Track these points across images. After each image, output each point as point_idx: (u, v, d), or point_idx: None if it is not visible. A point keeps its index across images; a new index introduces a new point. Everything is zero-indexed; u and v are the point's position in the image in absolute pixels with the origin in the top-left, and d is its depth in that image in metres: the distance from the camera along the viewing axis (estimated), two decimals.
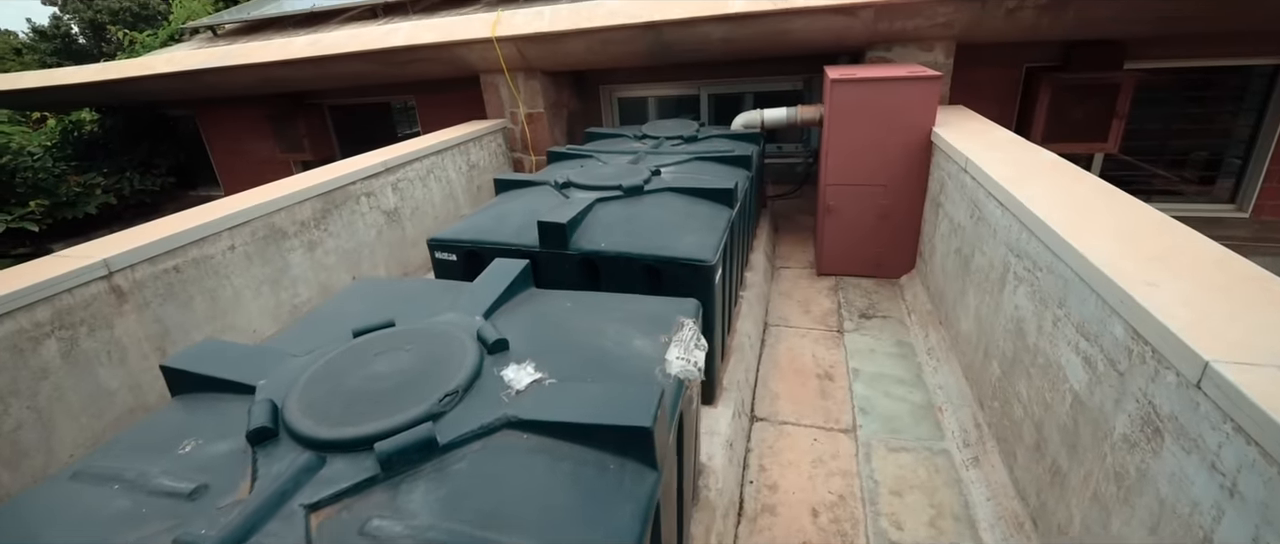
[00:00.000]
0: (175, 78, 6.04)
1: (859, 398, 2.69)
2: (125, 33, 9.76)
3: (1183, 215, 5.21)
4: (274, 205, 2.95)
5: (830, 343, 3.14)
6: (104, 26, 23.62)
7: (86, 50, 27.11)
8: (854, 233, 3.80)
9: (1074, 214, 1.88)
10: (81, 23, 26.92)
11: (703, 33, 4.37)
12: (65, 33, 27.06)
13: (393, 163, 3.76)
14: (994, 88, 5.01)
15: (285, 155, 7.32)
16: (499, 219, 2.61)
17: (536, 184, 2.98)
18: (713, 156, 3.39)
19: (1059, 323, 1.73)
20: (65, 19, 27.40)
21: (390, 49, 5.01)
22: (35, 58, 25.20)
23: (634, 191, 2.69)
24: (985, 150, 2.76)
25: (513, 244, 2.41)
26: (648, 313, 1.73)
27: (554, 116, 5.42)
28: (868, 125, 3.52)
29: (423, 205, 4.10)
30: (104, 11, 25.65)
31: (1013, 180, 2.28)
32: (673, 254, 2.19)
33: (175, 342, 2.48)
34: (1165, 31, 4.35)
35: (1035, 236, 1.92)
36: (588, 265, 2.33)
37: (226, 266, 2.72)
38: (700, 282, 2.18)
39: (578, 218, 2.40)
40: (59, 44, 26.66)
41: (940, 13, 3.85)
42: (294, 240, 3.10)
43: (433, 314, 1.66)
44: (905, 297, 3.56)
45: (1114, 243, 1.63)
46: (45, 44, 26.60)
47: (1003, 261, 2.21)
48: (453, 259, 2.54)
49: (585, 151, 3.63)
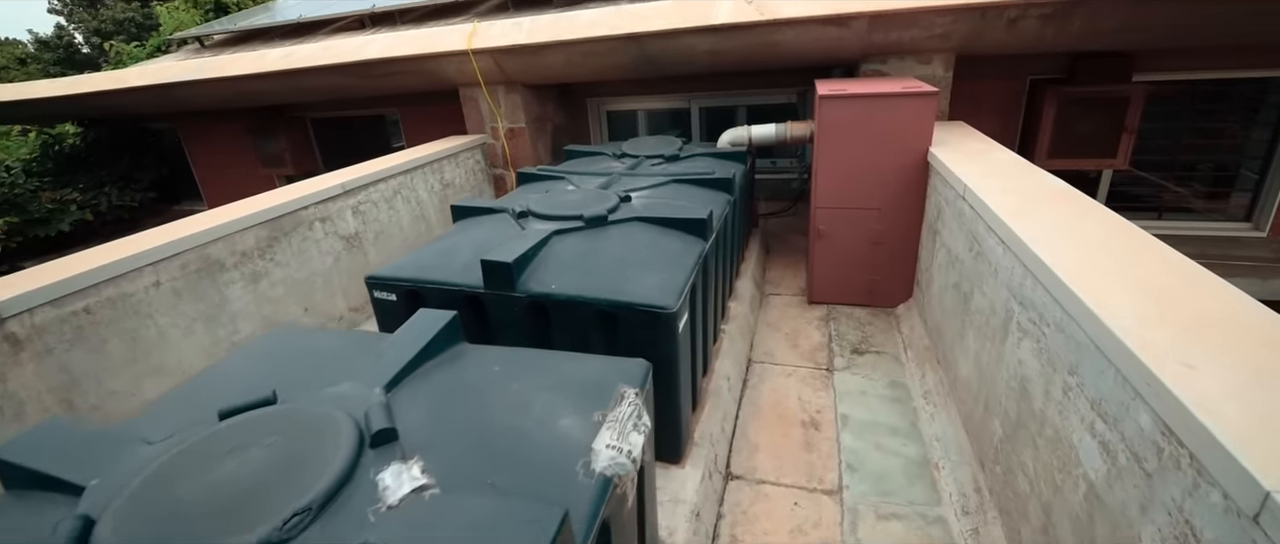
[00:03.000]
0: (148, 92, 5.86)
1: (847, 451, 2.42)
2: (111, 45, 9.62)
3: (1197, 235, 4.91)
4: (209, 235, 2.72)
5: (819, 383, 2.87)
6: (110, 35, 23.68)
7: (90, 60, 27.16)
8: (847, 259, 3.54)
9: (1086, 259, 1.62)
10: (86, 32, 27.02)
11: (688, 45, 4.14)
12: (67, 42, 27.13)
13: (353, 184, 3.53)
14: (995, 101, 4.75)
15: (267, 170, 7.12)
16: (445, 254, 2.37)
17: (495, 212, 2.74)
18: (692, 179, 3.14)
19: (1070, 393, 1.46)
20: (69, 28, 27.50)
21: (365, 62, 4.80)
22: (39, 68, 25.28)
23: (596, 222, 2.44)
24: (985, 175, 2.50)
25: (456, 284, 2.16)
26: (587, 378, 1.48)
27: (537, 131, 5.19)
28: (860, 144, 3.27)
29: (389, 229, 3.86)
30: (108, 22, 25.74)
31: (1015, 213, 2.02)
32: (629, 299, 1.94)
33: (85, 392, 2.24)
34: (1176, 42, 4.08)
35: (1040, 284, 1.66)
36: (537, 309, 2.08)
37: (150, 305, 2.48)
38: (661, 331, 1.93)
39: (529, 254, 2.15)
40: (62, 54, 26.71)
41: (938, 23, 3.61)
42: (233, 272, 2.86)
43: (331, 382, 1.42)
44: (901, 329, 3.29)
45: (1137, 301, 1.37)
46: (48, 54, 26.66)
47: (1005, 307, 1.95)
48: (392, 299, 2.30)
49: (557, 173, 3.38)
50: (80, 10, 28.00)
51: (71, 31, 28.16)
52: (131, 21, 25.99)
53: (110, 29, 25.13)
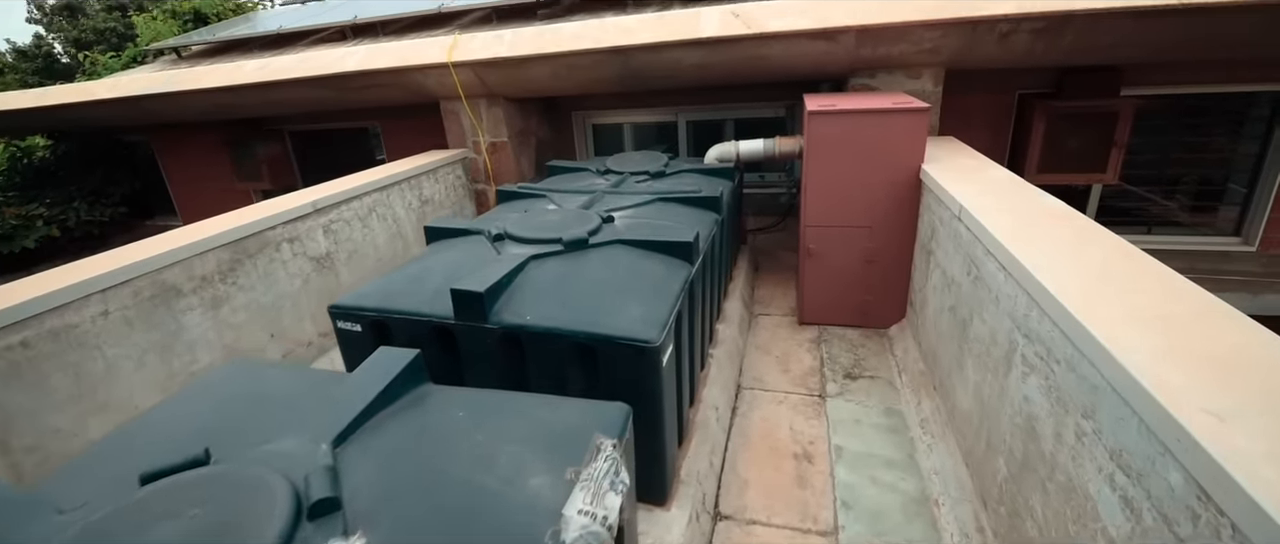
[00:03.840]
0: (118, 104, 5.66)
1: (842, 486, 2.30)
2: (86, 55, 9.38)
3: (1186, 249, 4.87)
4: (164, 260, 2.55)
5: (811, 411, 2.75)
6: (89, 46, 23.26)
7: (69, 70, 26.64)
8: (838, 279, 3.43)
9: (1095, 288, 1.52)
10: (65, 42, 26.53)
11: (674, 58, 4.05)
12: (46, 52, 26.60)
13: (324, 203, 3.37)
14: (985, 116, 4.71)
15: (243, 184, 6.92)
16: (414, 280, 2.23)
17: (471, 233, 2.61)
18: (678, 197, 3.02)
19: (1085, 439, 1.36)
20: (48, 38, 26.99)
21: (343, 74, 4.66)
22: (16, 78, 24.76)
23: (576, 245, 2.31)
24: (980, 195, 2.41)
25: (425, 314, 2.02)
26: (560, 426, 1.35)
27: (520, 145, 5.07)
28: (850, 161, 3.18)
29: (362, 248, 3.70)
30: (88, 31, 25.29)
31: (1015, 236, 1.92)
32: (609, 332, 1.81)
33: (19, 432, 2.06)
34: (1167, 58, 4.06)
35: (1047, 316, 1.56)
36: (511, 341, 1.95)
37: (97, 336, 2.31)
38: (643, 366, 1.80)
39: (503, 282, 2.02)
40: (40, 64, 26.19)
41: (927, 38, 3.54)
42: (191, 298, 2.69)
43: (276, 433, 1.28)
44: (894, 351, 3.19)
45: (1153, 335, 1.27)
46: (26, 64, 26.12)
47: (1007, 338, 1.85)
48: (357, 330, 2.15)
49: (538, 190, 3.26)
50: (59, 19, 27.51)
51: (50, 41, 27.64)
52: (112, 31, 25.57)
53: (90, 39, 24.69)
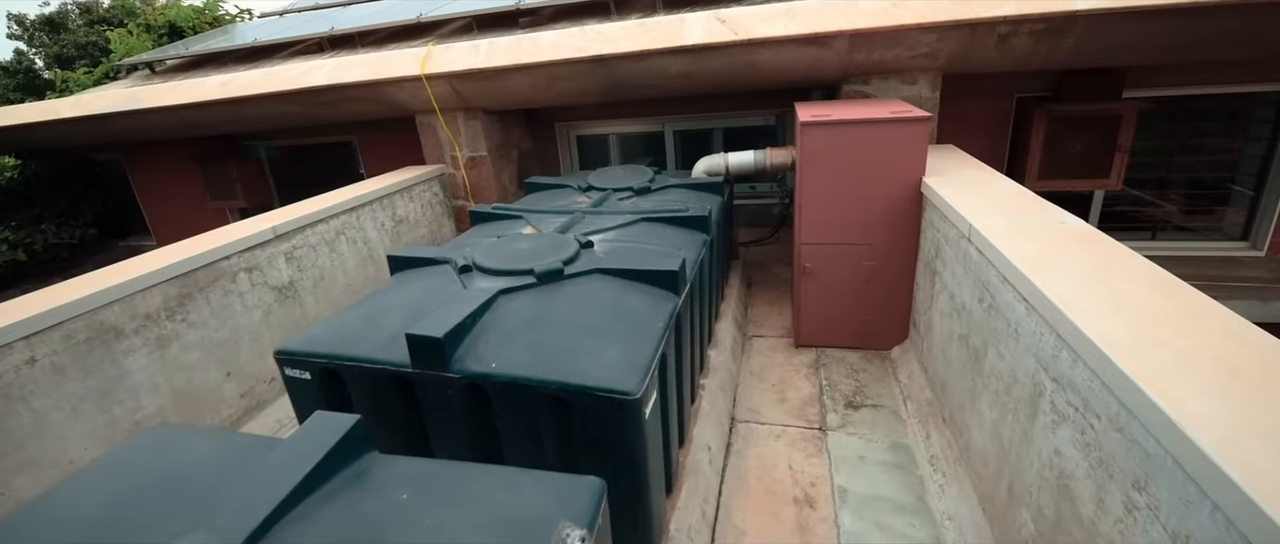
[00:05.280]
0: (81, 123, 5.42)
1: (847, 535, 2.09)
2: (56, 71, 9.11)
3: (1193, 255, 4.70)
4: (101, 299, 2.32)
5: (811, 446, 2.54)
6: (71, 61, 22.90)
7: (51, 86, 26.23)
8: (836, 298, 3.24)
9: (1140, 329, 1.32)
10: (46, 58, 26.15)
11: (658, 67, 3.85)
12: (28, 68, 26.22)
13: (286, 228, 3.15)
14: (983, 121, 4.53)
15: (216, 203, 6.67)
16: (370, 321, 2.01)
17: (437, 263, 2.39)
18: (663, 217, 2.82)
19: (1138, 514, 1.15)
20: (30, 53, 26.61)
21: (311, 89, 4.44)
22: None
23: (551, 277, 2.10)
24: (991, 213, 2.22)
25: (379, 361, 1.80)
26: (520, 512, 1.14)
27: (501, 159, 4.86)
28: (846, 174, 2.98)
29: (330, 274, 3.48)
30: (70, 47, 24.93)
31: (1036, 264, 1.72)
32: (583, 382, 1.59)
33: None
34: (1173, 60, 3.90)
35: (1082, 361, 1.36)
36: (476, 392, 1.73)
37: (22, 386, 2.08)
38: (623, 420, 1.59)
39: (466, 323, 1.80)
40: (21, 80, 25.80)
41: (923, 42, 3.37)
42: (134, 339, 2.46)
43: (182, 528, 1.07)
44: (898, 376, 2.99)
45: (1224, 398, 1.06)
46: (8, 80, 25.73)
47: (1032, 379, 1.65)
48: (306, 378, 1.93)
49: (514, 212, 3.05)
50: (41, 35, 27.16)
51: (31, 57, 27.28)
52: (94, 46, 25.22)
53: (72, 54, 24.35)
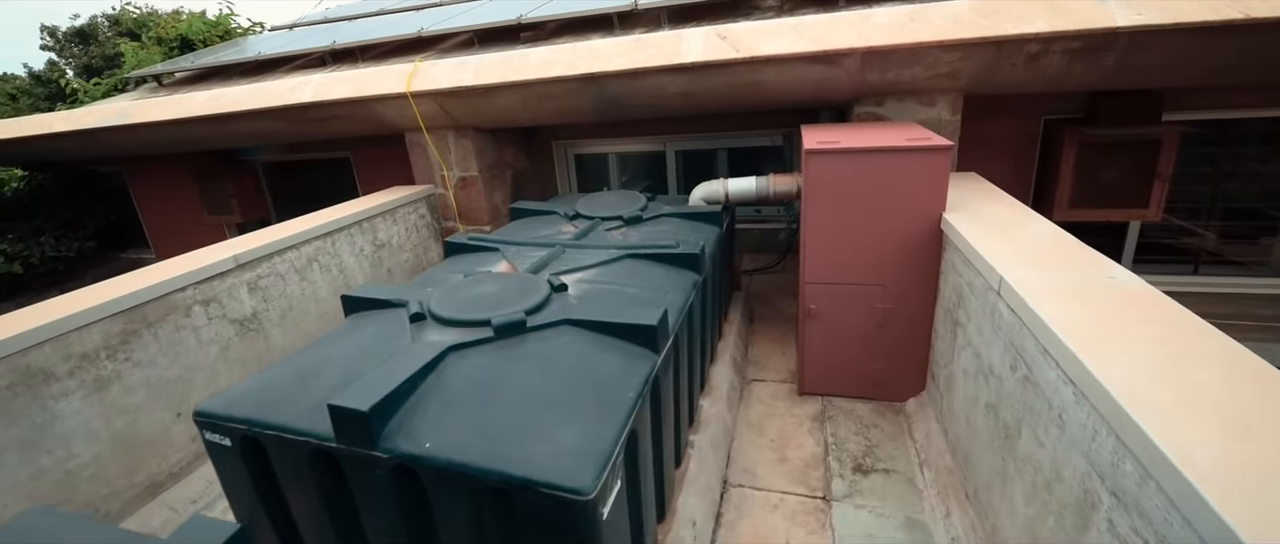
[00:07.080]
0: (75, 137, 5.32)
1: None
2: (66, 82, 9.16)
3: (1240, 292, 4.31)
4: (28, 339, 2.11)
5: (813, 521, 2.23)
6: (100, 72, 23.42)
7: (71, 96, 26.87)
8: (844, 344, 2.93)
9: (1230, 442, 1.02)
10: (76, 69, 26.81)
11: (655, 85, 3.60)
12: (59, 78, 26.89)
13: (249, 257, 2.93)
14: (1007, 144, 4.20)
15: (213, 218, 6.55)
16: (304, 378, 1.75)
17: (393, 306, 2.14)
18: (651, 253, 2.55)
19: None
20: (61, 63, 27.34)
21: (297, 106, 4.27)
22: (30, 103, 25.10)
23: (510, 330, 1.83)
24: (1025, 264, 1.91)
25: (302, 432, 1.55)
26: None
27: (492, 180, 4.63)
28: (856, 208, 2.69)
29: (300, 305, 3.25)
30: (98, 58, 25.53)
31: (1085, 338, 1.41)
32: (527, 473, 1.31)
33: None
34: (1220, 81, 3.56)
35: (1153, 482, 1.06)
36: (407, 475, 1.47)
37: None
38: (574, 523, 1.31)
39: (401, 391, 1.53)
40: (53, 89, 26.49)
41: (944, 61, 3.07)
42: (68, 382, 2.24)
43: None
44: (914, 434, 2.67)
45: None
46: (41, 89, 26.46)
47: (1081, 485, 1.34)
48: (226, 445, 1.68)
49: (490, 243, 2.80)
50: (71, 46, 27.92)
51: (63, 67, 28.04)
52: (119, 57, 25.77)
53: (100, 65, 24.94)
